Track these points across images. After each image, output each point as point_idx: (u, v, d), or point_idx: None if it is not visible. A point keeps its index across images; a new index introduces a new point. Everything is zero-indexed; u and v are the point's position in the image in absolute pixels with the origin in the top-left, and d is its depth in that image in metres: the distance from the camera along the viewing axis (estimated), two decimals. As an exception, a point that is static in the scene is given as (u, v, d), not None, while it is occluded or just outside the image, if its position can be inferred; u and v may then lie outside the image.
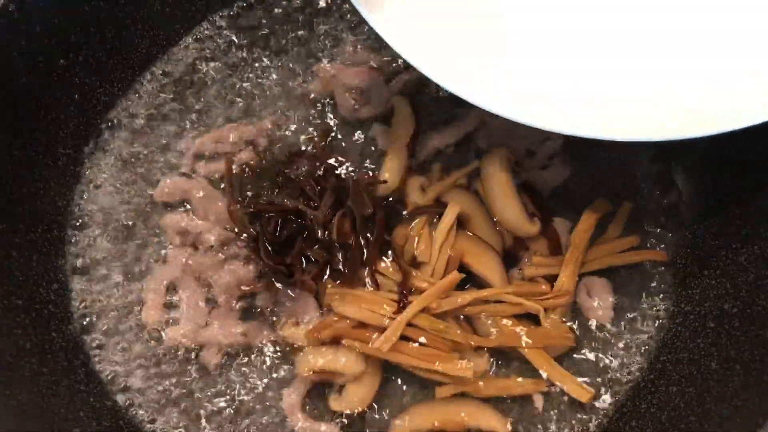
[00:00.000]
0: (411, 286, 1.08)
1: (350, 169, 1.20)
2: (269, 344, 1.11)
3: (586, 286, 1.12)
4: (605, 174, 1.20)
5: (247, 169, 1.20)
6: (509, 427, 1.05)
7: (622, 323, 1.13)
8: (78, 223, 1.19)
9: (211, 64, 1.28)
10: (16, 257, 1.11)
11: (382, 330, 1.05)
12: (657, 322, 1.13)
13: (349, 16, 1.31)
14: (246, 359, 1.11)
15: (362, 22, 1.29)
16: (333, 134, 1.23)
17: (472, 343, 1.06)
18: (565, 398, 1.08)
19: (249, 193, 1.18)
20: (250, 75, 1.28)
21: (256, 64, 1.28)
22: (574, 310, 1.12)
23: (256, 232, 1.12)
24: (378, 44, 1.28)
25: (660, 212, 1.19)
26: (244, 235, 1.14)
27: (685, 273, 1.15)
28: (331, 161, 1.20)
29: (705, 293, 1.10)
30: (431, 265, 1.09)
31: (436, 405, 1.06)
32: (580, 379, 1.08)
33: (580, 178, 1.19)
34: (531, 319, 1.09)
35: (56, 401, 1.04)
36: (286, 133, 1.23)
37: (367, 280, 1.10)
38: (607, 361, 1.11)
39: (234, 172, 1.19)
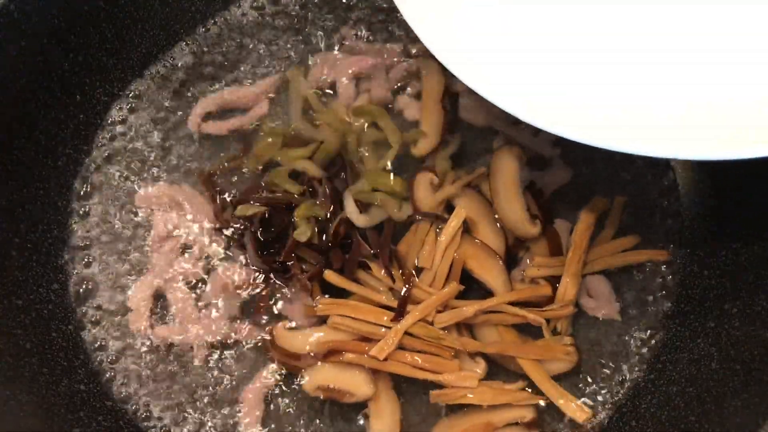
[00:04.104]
0: (411, 296, 1.06)
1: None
2: (261, 344, 1.11)
3: (587, 286, 1.12)
4: (606, 175, 1.20)
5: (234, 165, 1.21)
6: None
7: (622, 323, 1.13)
8: (78, 223, 1.19)
9: (211, 64, 1.28)
10: (16, 257, 1.11)
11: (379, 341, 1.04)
12: (657, 322, 1.13)
13: (347, 7, 1.31)
14: (241, 361, 1.11)
15: (361, 14, 1.29)
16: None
17: (470, 349, 1.05)
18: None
19: (235, 190, 1.18)
20: (250, 74, 1.28)
21: (257, 62, 1.28)
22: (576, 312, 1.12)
23: (245, 228, 1.12)
24: (378, 34, 1.28)
25: (660, 212, 1.18)
26: (232, 232, 1.14)
27: (685, 273, 1.15)
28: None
29: (705, 293, 1.10)
30: (433, 270, 1.08)
31: (460, 417, 1.05)
32: (580, 387, 1.09)
33: (580, 179, 1.19)
34: (533, 328, 1.09)
35: (56, 401, 1.04)
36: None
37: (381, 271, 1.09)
38: (607, 360, 1.11)
39: (222, 167, 1.20)
